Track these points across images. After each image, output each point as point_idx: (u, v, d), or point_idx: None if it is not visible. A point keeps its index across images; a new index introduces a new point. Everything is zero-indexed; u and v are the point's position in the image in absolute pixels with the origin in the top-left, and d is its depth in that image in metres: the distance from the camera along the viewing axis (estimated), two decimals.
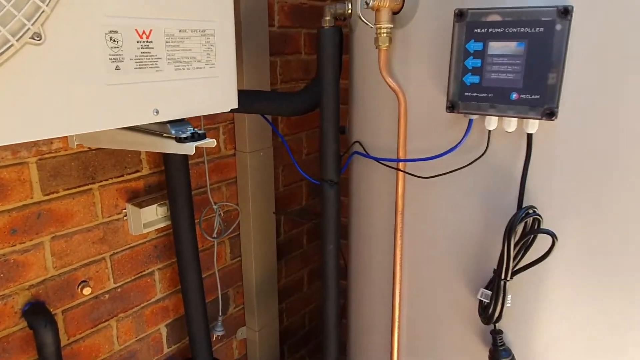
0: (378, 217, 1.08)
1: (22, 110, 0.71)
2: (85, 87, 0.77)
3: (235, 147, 1.72)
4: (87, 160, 1.30)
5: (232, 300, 1.88)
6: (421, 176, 0.94)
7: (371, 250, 1.14)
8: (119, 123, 0.83)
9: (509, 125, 0.81)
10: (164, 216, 1.45)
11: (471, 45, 0.78)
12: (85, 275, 1.35)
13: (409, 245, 1.01)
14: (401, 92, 0.92)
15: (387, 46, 0.89)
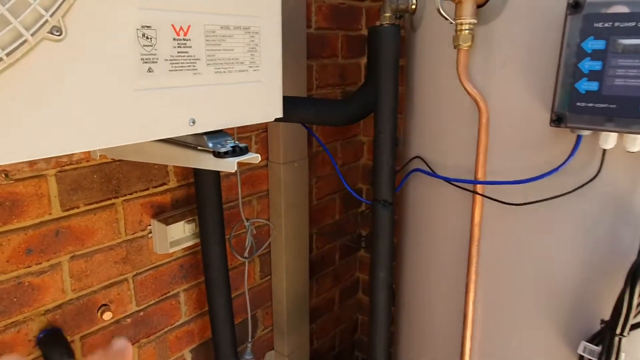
0: (444, 246, 0.93)
1: (37, 120, 0.58)
2: (111, 92, 0.64)
3: (267, 157, 1.59)
4: (110, 172, 1.18)
5: (261, 322, 1.74)
6: (509, 202, 0.79)
7: (433, 283, 1.00)
8: (149, 135, 0.70)
9: (634, 144, 0.66)
10: (192, 234, 1.32)
11: (589, 44, 0.63)
12: (105, 298, 1.23)
13: (485, 282, 0.86)
14: (483, 101, 0.77)
15: (469, 45, 0.74)
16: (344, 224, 2.02)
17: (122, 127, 0.67)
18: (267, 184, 1.61)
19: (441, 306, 0.97)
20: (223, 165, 0.78)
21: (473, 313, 0.88)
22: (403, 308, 1.12)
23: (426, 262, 1.00)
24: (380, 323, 1.04)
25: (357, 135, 2.00)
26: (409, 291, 1.09)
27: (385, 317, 1.05)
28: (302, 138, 1.61)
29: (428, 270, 1.00)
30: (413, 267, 1.05)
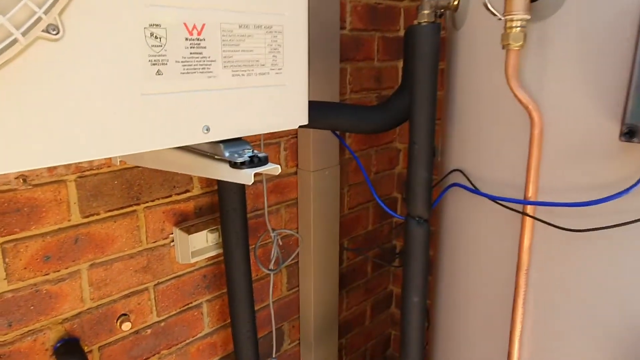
0: (487, 273, 0.83)
1: (34, 127, 0.53)
2: (116, 97, 0.58)
3: (297, 164, 1.52)
4: (132, 178, 1.14)
5: (287, 336, 1.67)
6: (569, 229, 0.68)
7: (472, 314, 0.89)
8: (159, 144, 0.64)
9: None
10: (215, 243, 1.27)
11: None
12: (125, 307, 1.19)
13: (535, 318, 0.75)
14: (536, 110, 0.67)
15: (521, 45, 0.65)
16: (377, 235, 1.93)
17: (129, 134, 0.61)
18: (296, 192, 1.54)
19: (481, 341, 0.87)
20: (239, 177, 0.71)
21: (519, 354, 0.77)
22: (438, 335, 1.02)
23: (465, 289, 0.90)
24: (412, 350, 0.95)
25: (393, 142, 1.90)
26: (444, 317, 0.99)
27: (418, 344, 0.95)
28: (334, 144, 1.54)
29: (467, 299, 0.90)
30: (450, 292, 0.95)
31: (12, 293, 1.00)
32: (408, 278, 0.92)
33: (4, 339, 1.00)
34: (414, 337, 0.95)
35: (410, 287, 0.92)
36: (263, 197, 1.44)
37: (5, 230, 0.97)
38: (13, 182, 0.96)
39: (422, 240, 0.89)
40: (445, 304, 0.97)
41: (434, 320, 1.03)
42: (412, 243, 0.90)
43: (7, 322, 1.00)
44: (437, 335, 1.03)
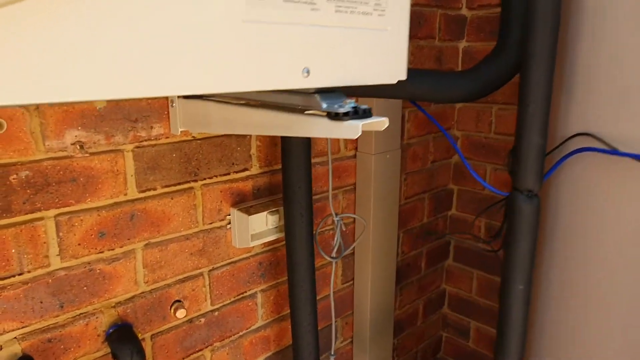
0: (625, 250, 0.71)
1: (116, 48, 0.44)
2: (212, 20, 0.49)
3: (357, 147, 1.41)
4: (191, 152, 1.05)
5: (340, 333, 1.56)
6: None
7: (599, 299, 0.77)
8: (257, 83, 0.55)
9: None
10: (274, 227, 1.17)
11: None
12: (179, 293, 1.10)
13: None
14: None
15: None
16: (431, 229, 1.81)
17: (228, 68, 0.51)
18: (354, 177, 1.44)
19: (610, 333, 0.74)
20: (342, 131, 0.61)
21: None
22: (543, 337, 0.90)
23: (588, 272, 0.77)
24: (511, 346, 0.83)
25: (451, 129, 1.79)
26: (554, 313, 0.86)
27: (519, 340, 0.83)
28: (396, 126, 1.43)
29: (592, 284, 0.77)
30: (563, 280, 0.83)
31: (65, 271, 0.92)
32: (512, 262, 0.80)
33: (55, 321, 0.92)
34: (515, 331, 0.83)
35: (515, 272, 0.80)
36: (321, 181, 1.34)
37: (60, 202, 0.89)
38: (70, 149, 0.88)
39: (532, 218, 0.77)
40: (556, 293, 0.85)
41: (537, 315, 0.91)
42: (519, 221, 0.78)
43: (59, 303, 0.92)
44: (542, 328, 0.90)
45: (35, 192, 0.85)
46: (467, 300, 1.89)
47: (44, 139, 0.85)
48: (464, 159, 1.14)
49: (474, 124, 1.74)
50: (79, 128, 0.88)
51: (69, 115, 0.87)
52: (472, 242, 1.83)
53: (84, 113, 0.88)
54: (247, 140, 1.15)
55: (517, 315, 0.82)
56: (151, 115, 0.97)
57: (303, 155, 1.05)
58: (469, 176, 1.78)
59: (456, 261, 1.90)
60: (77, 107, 0.87)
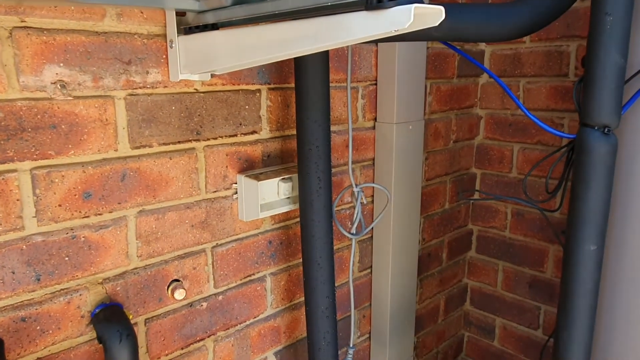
0: None
1: None
2: None
3: (376, 117, 1.28)
4: (193, 105, 0.92)
5: (357, 328, 1.41)
6: None
7: None
8: None
9: None
10: (287, 197, 1.03)
11: None
12: (178, 272, 0.96)
13: None
14: None
15: None
16: (453, 216, 1.66)
17: None
18: (373, 152, 1.30)
19: None
20: (386, 21, 0.47)
21: None
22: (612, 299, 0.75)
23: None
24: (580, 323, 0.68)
25: (474, 106, 1.65)
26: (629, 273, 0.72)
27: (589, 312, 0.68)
28: (419, 94, 1.29)
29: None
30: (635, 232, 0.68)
31: (43, 237, 0.77)
32: (582, 217, 0.66)
33: (30, 297, 0.77)
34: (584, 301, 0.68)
35: (586, 230, 0.65)
36: (337, 152, 1.21)
37: (37, 152, 0.75)
38: (50, 89, 0.74)
39: (608, 159, 0.63)
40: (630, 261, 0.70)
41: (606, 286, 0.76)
42: (592, 164, 0.64)
43: (35, 275, 0.77)
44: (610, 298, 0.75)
45: (6, 137, 0.72)
46: (492, 296, 1.74)
47: (18, 74, 0.71)
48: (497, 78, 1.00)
49: (500, 100, 1.60)
50: (60, 64, 0.75)
51: (49, 48, 0.73)
52: (497, 231, 1.68)
53: (67, 47, 0.75)
54: (256, 98, 1.01)
55: (587, 284, 0.67)
56: (147, 58, 0.84)
57: (321, 110, 0.91)
58: (493, 158, 1.64)
59: (479, 252, 1.74)
60: (60, 38, 0.74)
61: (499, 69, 1.58)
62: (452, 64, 1.51)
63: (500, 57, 1.57)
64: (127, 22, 0.81)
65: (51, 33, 0.73)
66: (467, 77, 1.59)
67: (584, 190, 0.65)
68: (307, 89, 0.89)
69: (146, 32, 0.83)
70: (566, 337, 0.70)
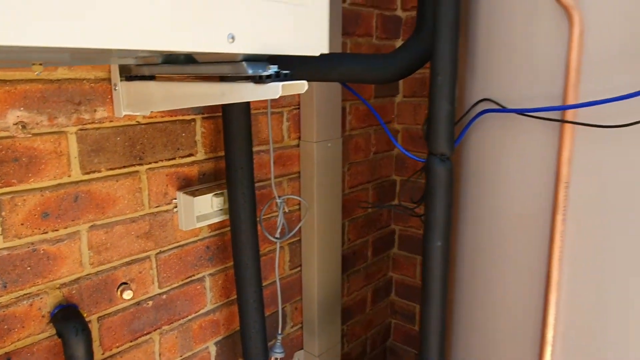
0: (521, 196, 0.80)
1: None
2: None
3: (299, 136, 1.49)
4: (135, 135, 1.09)
5: (290, 318, 1.62)
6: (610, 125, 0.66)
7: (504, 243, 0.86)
8: (182, 44, 0.61)
9: None
10: (220, 209, 1.22)
11: None
12: (126, 275, 1.13)
13: (576, 232, 0.73)
14: (576, 8, 0.66)
15: None
16: (376, 219, 1.90)
17: (151, 27, 0.57)
18: (298, 165, 1.51)
19: (515, 270, 0.83)
20: (265, 92, 0.68)
21: (559, 274, 0.74)
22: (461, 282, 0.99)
23: (495, 221, 0.87)
24: (434, 296, 0.91)
25: (392, 122, 1.89)
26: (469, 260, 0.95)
27: (440, 292, 0.91)
28: (337, 116, 1.51)
29: (497, 230, 0.87)
30: (475, 231, 0.92)
31: (8, 251, 0.93)
32: (431, 221, 0.89)
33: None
34: (436, 284, 0.91)
35: (434, 231, 0.89)
36: (266, 168, 1.41)
37: (3, 181, 0.91)
38: (12, 129, 0.90)
39: (446, 179, 0.86)
40: (469, 243, 0.94)
41: (457, 267, 1.00)
42: (434, 183, 0.87)
43: (2, 283, 0.93)
44: (461, 279, 0.99)
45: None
46: (413, 286, 1.99)
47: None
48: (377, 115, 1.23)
49: (413, 116, 1.85)
50: (21, 108, 0.91)
51: (11, 96, 0.90)
52: (415, 230, 1.93)
53: (26, 94, 0.91)
54: (191, 127, 1.20)
55: (437, 270, 0.90)
56: (94, 99, 1.01)
57: (244, 138, 1.11)
58: (409, 167, 1.89)
59: (401, 249, 1.99)
60: (20, 87, 0.90)
61: (411, 90, 1.83)
62: (369, 87, 1.74)
63: (412, 80, 1.82)
64: (77, 71, 0.97)
65: (13, 83, 0.89)
66: (384, 97, 1.83)
67: (431, 201, 0.89)
68: (231, 121, 1.09)
69: (94, 77, 1.00)
70: (426, 311, 0.93)
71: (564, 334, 0.77)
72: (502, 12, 0.79)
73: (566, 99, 0.69)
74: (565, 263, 0.74)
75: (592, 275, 0.73)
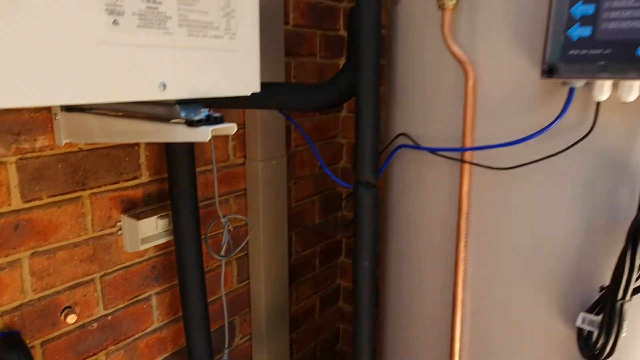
0: (431, 224, 0.89)
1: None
2: (70, 42, 0.59)
3: (245, 155, 1.53)
4: (77, 162, 1.11)
5: (238, 330, 1.66)
6: (498, 167, 0.76)
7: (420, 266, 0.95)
8: (114, 96, 0.65)
9: (629, 93, 0.63)
10: (164, 230, 1.25)
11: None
12: (70, 300, 1.14)
13: (476, 258, 0.82)
14: (469, 63, 0.74)
15: (454, 4, 0.72)
16: (324, 229, 1.97)
17: (84, 83, 0.61)
18: (244, 183, 1.55)
19: (428, 290, 0.92)
20: (196, 135, 0.73)
21: (463, 293, 0.83)
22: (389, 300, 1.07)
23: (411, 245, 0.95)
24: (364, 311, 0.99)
25: (337, 136, 1.97)
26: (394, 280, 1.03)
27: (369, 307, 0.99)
28: (281, 135, 1.57)
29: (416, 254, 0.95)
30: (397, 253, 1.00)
31: None
32: (358, 244, 0.96)
33: None
34: (365, 300, 0.98)
35: (361, 252, 0.96)
36: (212, 187, 1.44)
37: None
38: None
39: (371, 206, 0.94)
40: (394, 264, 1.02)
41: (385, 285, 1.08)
42: (361, 209, 0.94)
43: None
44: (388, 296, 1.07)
45: None
46: None
47: None
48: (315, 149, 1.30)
49: None
50: None
51: None
52: None
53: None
54: (135, 150, 1.22)
55: (365, 288, 0.98)
56: (35, 128, 1.03)
57: (186, 164, 1.15)
58: None
59: (348, 257, 2.07)
60: None
61: None
62: None
63: None
64: None
65: None
66: (329, 113, 1.90)
67: (358, 225, 0.96)
68: (174, 145, 1.13)
69: (33, 107, 1.02)
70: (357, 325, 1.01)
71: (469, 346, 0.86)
72: (413, 61, 0.87)
73: (464, 142, 0.77)
74: (468, 285, 0.83)
75: (489, 294, 0.83)
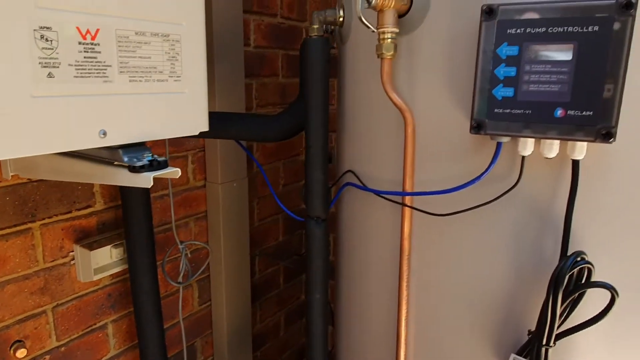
0: (377, 262, 0.90)
1: None
2: (2, 98, 0.58)
3: (205, 177, 1.53)
4: (26, 194, 1.08)
5: (200, 352, 1.65)
6: (434, 213, 0.78)
7: (367, 302, 0.96)
8: (51, 147, 0.64)
9: (550, 150, 0.66)
10: (119, 259, 1.24)
11: (503, 50, 0.63)
12: (20, 333, 1.12)
13: (417, 298, 0.83)
14: (408, 111, 0.76)
15: (392, 54, 0.73)
16: (288, 246, 1.97)
17: (20, 137, 0.60)
18: (205, 205, 1.55)
19: (375, 325, 0.93)
20: (139, 181, 0.72)
21: (406, 332, 0.85)
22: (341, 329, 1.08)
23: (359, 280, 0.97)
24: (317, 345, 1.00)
25: (299, 155, 1.97)
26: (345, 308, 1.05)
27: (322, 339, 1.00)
28: (241, 157, 1.57)
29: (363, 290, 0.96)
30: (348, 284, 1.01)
31: None
32: (310, 276, 0.97)
33: None
34: (317, 332, 1.00)
35: (312, 284, 0.97)
36: (170, 211, 1.43)
37: None
38: None
39: (321, 239, 0.95)
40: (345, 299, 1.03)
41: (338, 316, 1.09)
42: (312, 242, 0.95)
43: None
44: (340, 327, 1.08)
45: None
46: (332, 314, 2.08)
47: None
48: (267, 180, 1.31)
49: None
50: None
51: None
52: None
53: None
54: None
55: (316, 319, 0.99)
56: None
57: (140, 193, 1.13)
58: None
59: None
60: None
61: None
62: None
63: None
64: None
65: None
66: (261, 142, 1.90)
67: (310, 257, 0.97)
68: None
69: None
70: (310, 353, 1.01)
71: None
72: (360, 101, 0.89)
73: (404, 185, 0.79)
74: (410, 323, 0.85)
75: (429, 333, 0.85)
